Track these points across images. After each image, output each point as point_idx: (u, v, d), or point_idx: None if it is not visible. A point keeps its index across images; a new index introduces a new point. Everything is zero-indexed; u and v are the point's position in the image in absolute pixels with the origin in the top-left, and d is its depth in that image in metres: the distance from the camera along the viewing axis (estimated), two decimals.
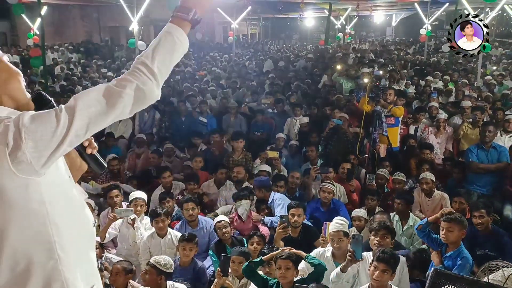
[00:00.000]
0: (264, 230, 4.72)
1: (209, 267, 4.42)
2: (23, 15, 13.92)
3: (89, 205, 4.77)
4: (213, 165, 6.46)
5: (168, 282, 3.73)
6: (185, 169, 6.42)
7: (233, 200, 5.14)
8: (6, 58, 1.42)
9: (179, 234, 4.45)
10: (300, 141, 7.34)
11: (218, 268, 3.79)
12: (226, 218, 4.59)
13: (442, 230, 3.70)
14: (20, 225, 1.27)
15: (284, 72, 13.78)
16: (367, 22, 37.91)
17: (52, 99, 1.48)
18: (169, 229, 4.57)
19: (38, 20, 11.93)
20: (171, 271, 3.79)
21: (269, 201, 5.15)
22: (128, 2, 11.86)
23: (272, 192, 5.22)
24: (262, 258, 3.70)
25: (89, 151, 1.54)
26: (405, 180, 5.62)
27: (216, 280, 3.77)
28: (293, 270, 3.49)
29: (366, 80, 6.95)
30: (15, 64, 10.38)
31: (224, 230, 4.44)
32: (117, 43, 24.21)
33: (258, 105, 9.44)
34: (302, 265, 3.78)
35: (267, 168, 6.01)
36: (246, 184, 5.65)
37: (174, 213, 5.22)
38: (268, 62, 16.09)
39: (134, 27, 11.93)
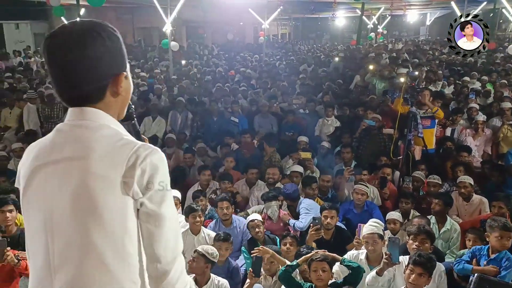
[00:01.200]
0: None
1: (241, 266, 4.44)
2: (62, 17, 14.29)
3: None
4: (244, 165, 6.48)
5: (211, 274, 3.78)
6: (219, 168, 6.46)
7: (262, 201, 5.13)
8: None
9: (212, 233, 4.48)
10: (331, 142, 7.28)
11: (250, 268, 3.80)
12: (259, 217, 4.59)
13: (500, 238, 3.63)
14: (114, 242, 1.30)
15: (315, 72, 13.71)
16: (400, 22, 37.25)
17: (133, 107, 1.53)
18: (202, 227, 4.60)
19: None
20: (216, 261, 3.83)
21: (297, 209, 5.09)
22: (162, 4, 12.05)
23: (301, 199, 5.16)
24: (298, 261, 3.67)
25: None
26: (441, 183, 5.50)
27: (248, 280, 3.78)
28: (329, 272, 3.46)
29: (401, 80, 6.84)
30: None
31: (257, 229, 4.45)
32: (150, 43, 24.59)
33: (289, 106, 9.42)
34: (336, 268, 3.74)
35: (299, 168, 5.97)
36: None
37: (206, 212, 5.26)
38: (303, 66, 15.92)
39: (167, 28, 12.13)
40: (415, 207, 5.13)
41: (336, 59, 16.00)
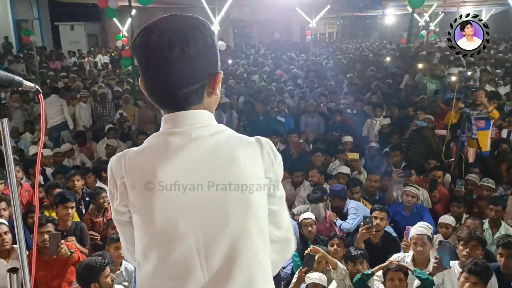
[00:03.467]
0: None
1: (287, 265, 4.43)
2: (114, 18, 14.79)
3: None
4: (291, 166, 6.46)
5: None
6: None
7: (308, 201, 5.09)
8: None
9: None
10: (380, 143, 7.14)
11: (301, 266, 3.80)
12: (312, 216, 4.57)
13: None
14: (256, 247, 1.30)
15: (363, 71, 13.48)
16: (452, 19, 35.94)
17: None
18: None
19: (128, 22, 12.63)
20: None
21: (344, 210, 5.01)
22: (210, 4, 12.23)
23: (348, 200, 5.08)
24: (372, 270, 3.64)
25: None
26: (494, 187, 5.26)
27: (296, 276, 3.78)
28: (405, 282, 3.42)
29: (453, 79, 6.62)
30: (105, 64, 11.12)
31: (309, 228, 4.46)
32: None
33: (336, 105, 9.32)
34: None
35: (346, 170, 5.90)
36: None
37: None
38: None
39: (215, 27, 12.28)
40: (467, 211, 4.95)
41: (388, 58, 15.63)
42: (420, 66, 10.32)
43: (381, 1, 17.00)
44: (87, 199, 5.38)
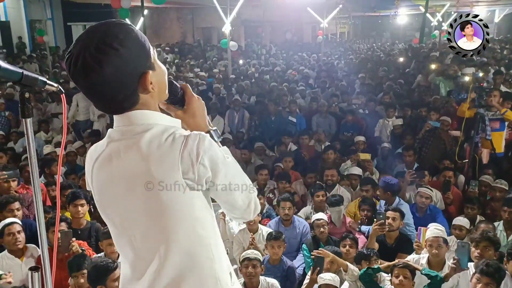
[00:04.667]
0: (360, 238, 4.54)
1: (298, 266, 4.43)
2: (126, 18, 14.88)
3: None
4: (303, 166, 6.45)
5: (260, 276, 3.80)
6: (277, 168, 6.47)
7: (327, 205, 5.06)
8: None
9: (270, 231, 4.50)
10: (392, 143, 7.10)
11: (312, 267, 3.80)
12: (325, 217, 4.56)
13: None
14: (186, 230, 1.37)
15: (375, 71, 13.41)
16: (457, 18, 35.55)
17: (180, 86, 1.48)
18: (260, 225, 4.64)
19: (140, 22, 12.69)
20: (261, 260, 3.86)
21: (395, 204, 4.90)
22: (221, 4, 12.25)
23: (398, 199, 4.98)
24: (380, 266, 3.63)
25: None
26: (507, 188, 5.20)
27: (309, 277, 3.78)
28: (410, 280, 3.42)
29: (466, 79, 6.55)
30: None
31: (321, 229, 4.44)
32: (209, 43, 25.08)
33: (348, 105, 9.28)
34: None
35: (357, 171, 5.88)
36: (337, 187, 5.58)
37: (264, 211, 5.29)
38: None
39: (227, 28, 12.31)
40: (481, 213, 4.90)
41: (401, 59, 15.53)
42: (433, 66, 10.22)
43: (394, 0, 16.87)
44: None
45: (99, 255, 3.92)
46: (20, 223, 3.91)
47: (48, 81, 1.37)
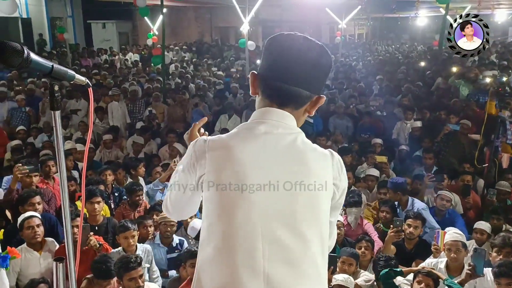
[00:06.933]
0: (377, 241, 4.49)
1: None
2: (146, 17, 14.98)
3: None
4: None
5: None
6: None
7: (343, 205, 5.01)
8: None
9: None
10: (410, 146, 7.03)
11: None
12: (341, 219, 4.52)
13: None
14: None
15: (393, 73, 13.29)
16: (487, 21, 34.92)
17: None
18: None
19: (158, 21, 12.78)
20: None
21: (408, 207, 4.86)
22: (240, 3, 12.27)
23: (410, 198, 4.93)
24: (403, 270, 3.60)
25: None
26: None
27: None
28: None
29: (487, 82, 6.46)
30: (135, 62, 11.15)
31: (338, 230, 4.38)
32: (226, 42, 25.15)
33: (366, 107, 9.21)
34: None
35: (375, 172, 5.83)
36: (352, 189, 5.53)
37: None
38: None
39: (245, 27, 12.32)
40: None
41: (422, 63, 15.37)
42: (454, 69, 10.08)
43: (414, 2, 16.69)
44: (116, 194, 5.47)
45: (116, 250, 3.96)
46: (40, 216, 3.96)
47: (77, 75, 1.39)
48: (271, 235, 1.28)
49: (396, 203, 4.93)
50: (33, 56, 1.25)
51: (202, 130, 1.73)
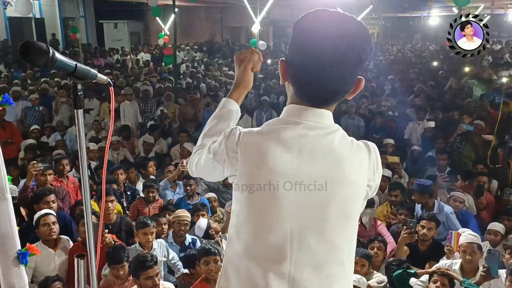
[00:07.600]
0: (391, 242, 4.46)
1: None
2: (157, 17, 15.05)
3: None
4: None
5: None
6: None
7: None
8: None
9: None
10: (422, 146, 6.98)
11: None
12: None
13: None
14: None
15: (405, 73, 13.21)
16: (500, 21, 34.64)
17: None
18: None
19: (170, 21, 12.83)
20: None
21: (434, 210, 4.75)
22: (251, 3, 12.28)
23: (437, 202, 4.84)
24: (417, 271, 3.59)
25: None
26: None
27: None
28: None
29: (504, 82, 6.39)
30: (146, 61, 11.20)
31: None
32: (237, 42, 25.17)
33: (377, 107, 9.17)
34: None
35: (387, 173, 5.79)
36: None
37: None
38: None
39: (256, 27, 12.33)
40: None
41: (435, 63, 15.27)
42: (467, 69, 9.99)
43: (427, 1, 16.56)
44: (128, 192, 5.52)
45: (132, 246, 4.00)
46: (55, 214, 4.00)
47: (99, 74, 1.41)
48: (300, 240, 1.28)
49: (419, 205, 4.88)
50: (58, 55, 1.28)
51: None
